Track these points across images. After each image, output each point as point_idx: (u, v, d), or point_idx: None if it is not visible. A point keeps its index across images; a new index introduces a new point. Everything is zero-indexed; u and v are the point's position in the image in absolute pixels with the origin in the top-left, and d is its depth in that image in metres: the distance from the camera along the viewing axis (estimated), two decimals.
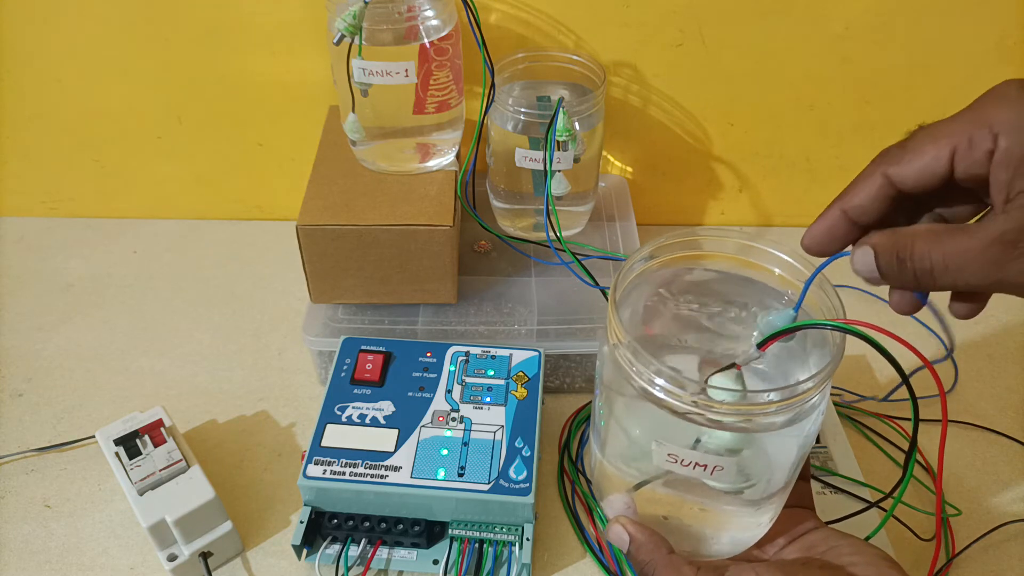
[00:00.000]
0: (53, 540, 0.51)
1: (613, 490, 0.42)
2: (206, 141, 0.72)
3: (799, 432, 0.36)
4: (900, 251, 0.32)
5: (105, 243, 0.75)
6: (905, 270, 0.32)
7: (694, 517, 0.40)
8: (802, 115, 0.70)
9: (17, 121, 0.71)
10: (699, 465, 0.35)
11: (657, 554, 0.38)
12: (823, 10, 0.63)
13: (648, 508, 0.41)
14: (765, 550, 0.42)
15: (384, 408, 0.50)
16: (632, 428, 0.38)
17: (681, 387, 0.33)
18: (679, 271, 0.42)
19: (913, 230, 0.33)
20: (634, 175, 0.75)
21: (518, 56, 0.61)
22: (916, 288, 0.33)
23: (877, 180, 0.34)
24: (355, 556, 0.48)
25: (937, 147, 0.32)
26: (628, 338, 0.35)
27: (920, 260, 0.32)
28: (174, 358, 0.63)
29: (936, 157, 0.32)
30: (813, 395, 0.34)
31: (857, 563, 0.37)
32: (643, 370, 0.34)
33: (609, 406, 0.39)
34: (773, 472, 0.37)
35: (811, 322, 0.35)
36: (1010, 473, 0.55)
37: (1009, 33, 0.64)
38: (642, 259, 0.40)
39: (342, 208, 0.54)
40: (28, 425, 0.58)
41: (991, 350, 0.65)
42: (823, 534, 0.40)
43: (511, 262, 0.63)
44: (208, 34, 0.65)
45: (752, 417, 0.34)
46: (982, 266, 0.31)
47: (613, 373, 0.37)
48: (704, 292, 0.42)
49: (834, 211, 0.35)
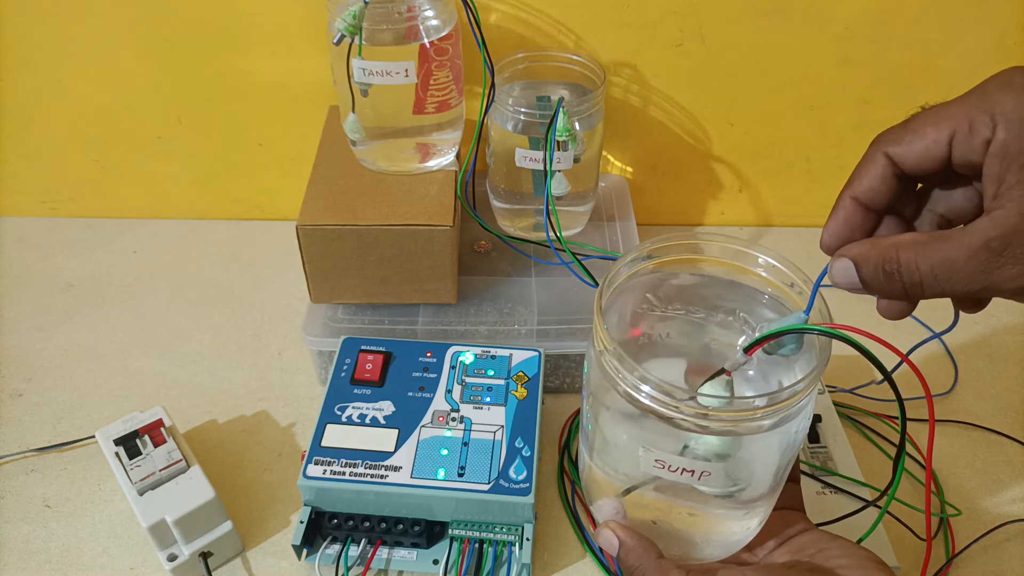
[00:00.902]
0: (53, 540, 0.51)
1: (602, 495, 0.42)
2: (206, 141, 0.72)
3: (786, 435, 0.36)
4: (886, 263, 0.32)
5: (105, 243, 0.75)
6: (893, 282, 0.32)
7: (683, 521, 0.40)
8: (802, 115, 0.70)
9: (17, 121, 0.71)
10: (687, 471, 0.35)
11: (646, 558, 0.38)
12: (823, 10, 0.63)
13: (637, 513, 0.41)
14: (755, 553, 0.42)
15: (384, 408, 0.50)
16: (619, 434, 0.38)
17: (667, 394, 0.33)
18: (665, 276, 0.41)
19: (896, 240, 0.32)
20: (634, 175, 0.75)
21: (518, 56, 0.61)
22: (904, 298, 0.33)
23: (880, 161, 0.33)
24: (355, 556, 0.48)
25: (938, 130, 0.31)
26: (613, 345, 0.34)
27: (908, 272, 0.31)
28: (174, 358, 0.63)
29: (936, 140, 0.31)
30: (801, 399, 0.34)
31: (846, 566, 0.37)
32: (628, 377, 0.34)
33: (596, 411, 0.39)
34: (761, 475, 0.37)
35: (797, 327, 0.34)
36: (1010, 473, 0.55)
37: (1009, 33, 0.64)
38: (628, 263, 0.40)
39: (342, 208, 0.54)
40: (28, 425, 0.58)
41: (991, 350, 0.65)
42: (813, 536, 0.40)
43: (511, 262, 0.63)
44: (208, 34, 0.65)
45: (740, 422, 0.34)
46: (969, 274, 0.30)
47: (599, 379, 0.37)
48: (690, 297, 0.42)
49: (844, 201, 0.34)
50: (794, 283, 0.39)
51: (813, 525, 0.42)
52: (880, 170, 0.33)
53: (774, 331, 0.34)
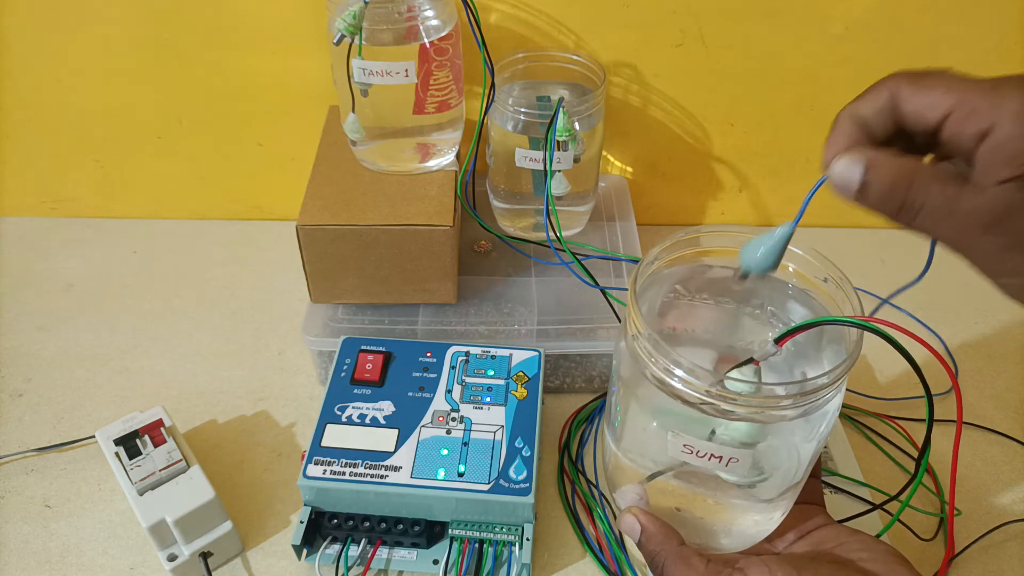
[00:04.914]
0: (53, 540, 0.51)
1: (626, 481, 0.42)
2: (206, 141, 0.72)
3: (813, 428, 0.36)
4: (898, 179, 0.30)
5: (105, 243, 0.75)
6: (892, 199, 0.30)
7: (706, 510, 0.40)
8: (802, 115, 0.70)
9: (17, 121, 0.71)
10: (714, 457, 0.35)
11: (668, 545, 0.38)
12: (823, 10, 0.63)
13: (661, 500, 0.41)
14: (775, 545, 0.42)
15: (384, 408, 0.50)
16: (649, 420, 0.39)
17: (698, 378, 0.33)
18: (696, 268, 0.42)
19: (918, 165, 0.30)
20: (634, 175, 0.75)
21: (518, 56, 0.61)
22: (888, 216, 0.31)
23: (884, 95, 0.32)
24: (355, 556, 0.48)
25: (944, 98, 0.30)
26: (648, 330, 0.35)
27: (915, 196, 0.30)
28: (174, 358, 0.63)
29: (933, 107, 0.30)
30: (829, 391, 0.34)
31: (867, 559, 0.37)
32: (661, 360, 0.34)
33: (626, 399, 0.39)
34: (786, 466, 0.37)
35: (830, 318, 0.35)
36: (1010, 473, 0.55)
37: (1009, 33, 0.64)
38: (660, 254, 0.40)
39: (342, 208, 0.54)
40: (28, 425, 0.58)
41: (991, 350, 0.65)
42: (833, 530, 0.40)
43: (511, 262, 0.63)
44: (208, 34, 0.65)
45: (766, 409, 0.34)
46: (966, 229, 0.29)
47: (631, 366, 0.37)
48: (720, 289, 0.42)
49: (844, 119, 0.33)
50: (827, 277, 0.39)
51: (833, 520, 0.42)
52: (881, 103, 0.32)
53: (806, 323, 0.34)
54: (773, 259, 0.35)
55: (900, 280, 0.40)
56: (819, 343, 0.39)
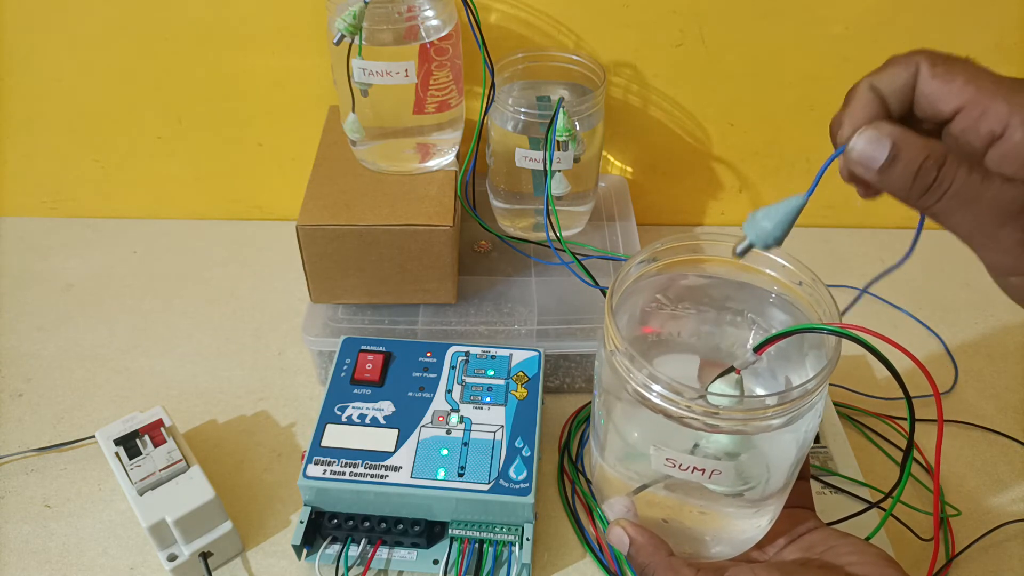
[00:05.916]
0: (53, 540, 0.51)
1: (613, 493, 0.42)
2: (206, 141, 0.72)
3: (797, 433, 0.36)
4: (929, 159, 0.29)
5: (105, 243, 0.75)
6: (921, 179, 0.29)
7: (694, 519, 0.40)
8: (802, 115, 0.70)
9: (17, 121, 0.71)
10: (697, 469, 0.35)
11: (657, 556, 0.38)
12: (823, 10, 0.63)
13: (648, 511, 0.41)
14: (765, 551, 0.42)
15: (384, 408, 0.50)
16: (630, 432, 0.38)
17: (678, 393, 0.33)
18: (675, 276, 0.42)
19: (945, 147, 0.30)
20: (634, 175, 0.75)
21: (518, 56, 0.61)
22: (905, 197, 0.30)
23: (907, 71, 0.31)
24: (355, 556, 0.48)
25: (963, 89, 0.30)
26: (624, 344, 0.35)
27: (944, 178, 0.29)
28: (174, 358, 0.63)
29: (950, 96, 0.30)
30: (811, 397, 0.34)
31: (856, 563, 0.37)
32: (639, 376, 0.34)
33: (607, 409, 0.39)
34: (772, 473, 0.37)
35: (808, 326, 0.34)
36: (1010, 473, 0.55)
37: (1009, 33, 0.64)
38: (639, 264, 0.40)
39: (342, 208, 0.54)
40: (28, 425, 0.58)
41: (991, 350, 0.65)
42: (823, 534, 0.40)
43: (511, 262, 0.63)
44: (208, 34, 0.65)
45: (750, 421, 0.34)
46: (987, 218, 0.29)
47: (611, 377, 0.37)
48: (700, 297, 0.42)
49: (863, 91, 0.32)
50: (802, 281, 0.38)
51: (823, 523, 0.42)
52: (903, 80, 0.31)
53: (783, 331, 0.34)
54: (781, 231, 0.32)
55: (900, 280, 0.40)
56: (802, 347, 0.39)
